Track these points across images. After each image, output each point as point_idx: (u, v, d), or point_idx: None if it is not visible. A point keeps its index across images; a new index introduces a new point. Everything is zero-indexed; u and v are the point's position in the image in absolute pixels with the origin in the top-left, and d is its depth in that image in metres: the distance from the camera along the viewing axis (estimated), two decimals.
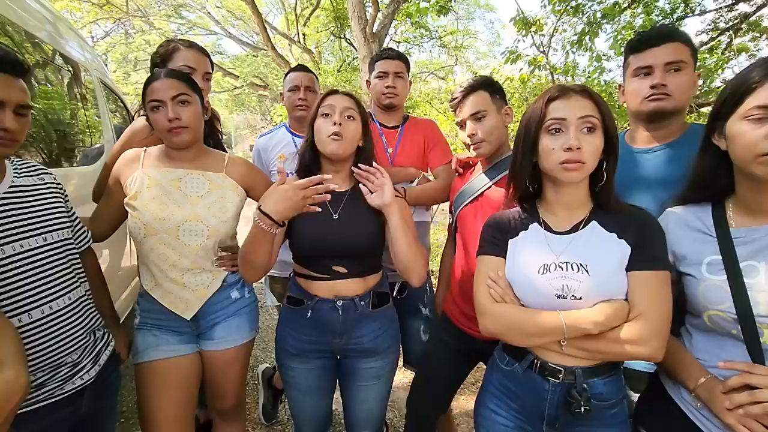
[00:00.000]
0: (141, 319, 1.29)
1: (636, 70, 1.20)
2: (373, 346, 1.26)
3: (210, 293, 1.28)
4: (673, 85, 1.15)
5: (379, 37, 6.59)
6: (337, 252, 1.21)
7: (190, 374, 1.28)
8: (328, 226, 1.21)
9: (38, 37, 1.77)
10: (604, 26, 4.84)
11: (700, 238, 0.89)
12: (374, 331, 1.26)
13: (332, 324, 1.22)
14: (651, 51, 1.17)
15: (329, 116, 1.20)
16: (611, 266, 0.89)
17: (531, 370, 0.96)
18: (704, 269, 0.86)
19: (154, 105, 1.18)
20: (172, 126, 1.18)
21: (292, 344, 1.27)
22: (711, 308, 0.83)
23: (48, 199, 1.02)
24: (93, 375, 1.04)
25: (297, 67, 1.97)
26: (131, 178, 1.23)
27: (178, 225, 1.20)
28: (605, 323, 0.86)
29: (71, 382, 0.99)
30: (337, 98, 1.22)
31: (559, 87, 0.93)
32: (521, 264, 0.98)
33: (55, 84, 1.96)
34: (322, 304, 1.22)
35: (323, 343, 1.26)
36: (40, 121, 1.63)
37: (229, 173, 1.32)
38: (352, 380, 1.31)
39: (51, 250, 0.97)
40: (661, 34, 1.17)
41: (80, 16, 11.23)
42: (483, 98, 1.34)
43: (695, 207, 0.93)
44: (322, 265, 1.22)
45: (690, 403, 0.87)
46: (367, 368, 1.28)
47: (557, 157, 0.89)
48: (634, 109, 1.24)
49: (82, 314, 1.03)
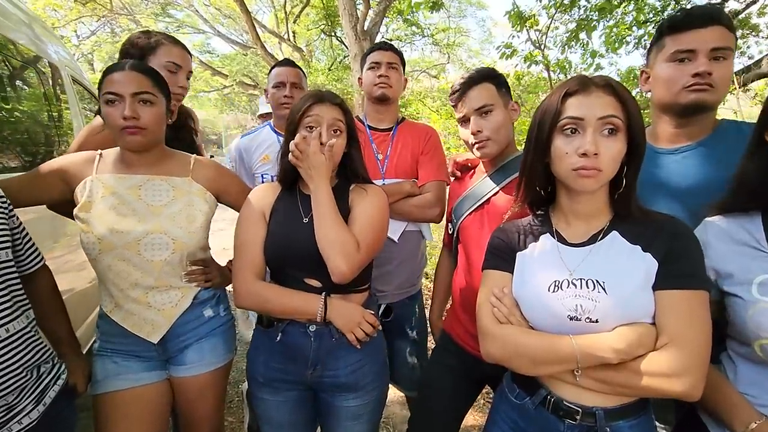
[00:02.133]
0: (101, 343, 1.14)
1: (675, 53, 1.02)
2: (350, 382, 1.09)
3: (179, 312, 1.14)
4: (717, 76, 0.98)
5: (370, 34, 6.48)
6: (305, 261, 1.05)
7: (158, 405, 1.14)
8: (296, 231, 1.07)
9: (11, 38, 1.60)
10: (596, 23, 4.78)
11: (750, 253, 0.77)
12: (353, 363, 1.09)
13: (304, 352, 1.07)
14: (695, 32, 0.99)
15: (314, 130, 1.06)
16: (633, 284, 0.76)
17: (544, 407, 0.84)
18: (755, 290, 0.74)
19: (109, 98, 1.03)
20: (127, 125, 1.03)
21: (262, 372, 1.11)
22: (764, 336, 0.72)
23: None
24: (35, 417, 0.89)
25: (282, 62, 1.83)
26: (82, 183, 1.08)
27: (138, 239, 1.06)
28: (626, 351, 0.73)
29: (7, 428, 0.84)
30: (324, 109, 1.07)
31: (579, 79, 0.80)
32: (530, 280, 0.86)
33: (27, 84, 1.80)
34: (294, 328, 1.07)
35: (294, 374, 1.09)
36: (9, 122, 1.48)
37: (196, 178, 1.18)
38: (330, 418, 1.15)
39: None
40: (708, 15, 0.99)
41: (63, 14, 10.94)
42: (489, 91, 1.19)
43: (740, 217, 0.81)
44: (292, 278, 1.07)
45: None
46: (345, 406, 1.11)
47: (571, 163, 0.77)
48: (668, 99, 1.05)
49: (22, 349, 0.88)
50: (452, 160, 1.47)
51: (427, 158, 1.56)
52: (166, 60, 1.37)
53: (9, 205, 0.95)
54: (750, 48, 5.41)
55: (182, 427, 1.27)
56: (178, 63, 1.40)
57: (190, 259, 1.15)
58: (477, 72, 1.22)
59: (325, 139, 1.04)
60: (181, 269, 1.13)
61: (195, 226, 1.13)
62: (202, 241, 1.18)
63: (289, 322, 1.07)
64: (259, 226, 1.09)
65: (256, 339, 1.16)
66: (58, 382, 0.97)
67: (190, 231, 1.12)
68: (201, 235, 1.15)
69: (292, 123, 1.09)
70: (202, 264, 1.19)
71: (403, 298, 1.59)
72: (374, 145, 1.58)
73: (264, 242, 1.08)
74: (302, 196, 1.13)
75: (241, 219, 1.11)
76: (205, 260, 1.21)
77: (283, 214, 1.11)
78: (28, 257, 1.01)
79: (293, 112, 1.09)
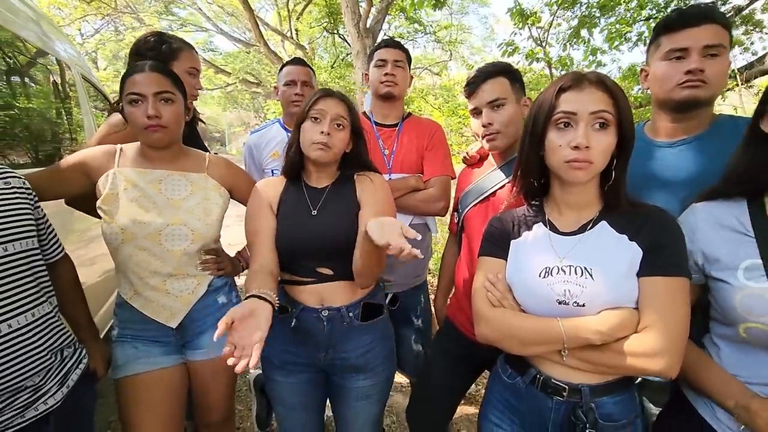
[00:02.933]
0: (120, 330, 1.21)
1: (669, 52, 1.06)
2: (361, 363, 1.16)
3: (195, 298, 1.21)
4: (710, 72, 1.02)
5: (373, 32, 6.50)
6: (316, 251, 1.12)
7: (176, 387, 1.21)
8: (305, 223, 1.13)
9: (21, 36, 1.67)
10: (598, 20, 4.79)
11: (736, 238, 0.81)
12: (363, 346, 1.16)
13: (317, 336, 1.14)
14: (688, 31, 1.03)
15: (318, 122, 1.12)
16: (619, 271, 0.81)
17: (533, 385, 0.89)
18: (741, 275, 0.78)
19: (133, 98, 1.10)
20: (151, 123, 1.10)
21: (276, 355, 1.18)
22: (751, 320, 0.75)
23: (12, 204, 0.93)
24: (59, 399, 0.95)
25: (293, 61, 1.88)
26: (105, 176, 1.14)
27: (160, 229, 1.13)
28: (609, 333, 0.79)
29: (33, 408, 0.90)
30: (329, 103, 1.13)
31: (573, 75, 0.84)
32: (522, 267, 0.91)
33: (37, 81, 1.86)
34: (307, 314, 1.13)
35: (307, 357, 1.17)
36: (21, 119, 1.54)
37: (211, 174, 1.25)
38: (340, 399, 1.22)
39: (12, 261, 0.88)
40: (701, 13, 1.03)
41: (68, 12, 11.01)
42: (502, 85, 1.23)
43: (728, 202, 0.84)
44: (305, 268, 1.14)
45: (725, 424, 0.80)
46: (356, 387, 1.18)
47: (563, 155, 0.82)
48: (663, 96, 1.10)
49: (47, 333, 0.94)
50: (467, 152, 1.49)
51: (431, 154, 1.61)
52: (188, 66, 1.49)
53: (34, 197, 1.02)
54: (754, 44, 5.38)
55: (197, 411, 1.33)
56: (198, 68, 1.53)
57: (204, 249, 1.21)
58: (492, 65, 1.26)
59: (326, 129, 1.10)
60: (198, 259, 1.20)
61: (212, 219, 1.19)
62: (217, 233, 1.24)
63: (303, 309, 1.13)
64: (266, 218, 1.15)
65: (271, 326, 1.21)
66: (79, 365, 1.04)
67: (208, 223, 1.18)
68: (216, 227, 1.22)
69: (300, 115, 1.15)
70: (214, 253, 1.25)
71: (409, 288, 1.64)
72: (380, 141, 1.63)
73: (275, 234, 1.14)
74: (308, 188, 1.19)
75: (249, 212, 1.17)
76: (217, 250, 1.27)
77: (291, 206, 1.16)
78: (51, 246, 1.07)
79: (302, 105, 1.16)
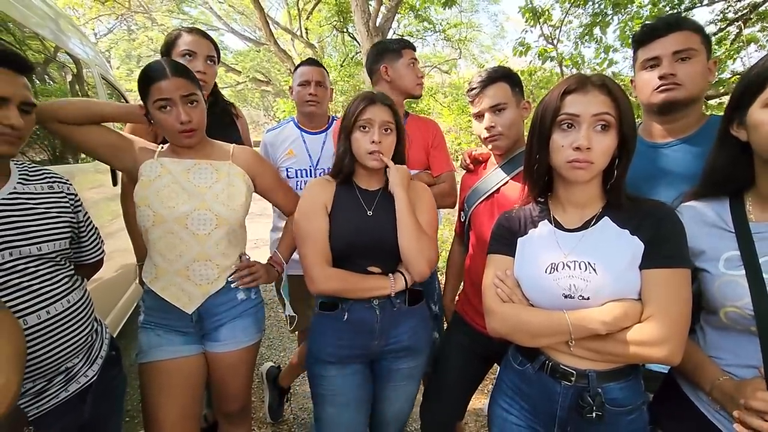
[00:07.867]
0: (145, 317, 1.28)
1: (644, 62, 1.18)
2: (411, 344, 1.26)
3: (214, 290, 1.26)
4: (683, 74, 1.11)
5: (382, 30, 6.52)
6: (371, 251, 1.20)
7: (195, 375, 1.27)
8: (363, 224, 1.20)
9: (41, 35, 1.75)
10: (611, 18, 4.75)
11: (718, 233, 0.85)
12: (411, 328, 1.25)
13: (370, 324, 1.21)
14: (658, 41, 1.14)
15: (367, 131, 1.17)
16: (621, 264, 0.85)
17: (542, 371, 0.94)
18: (722, 265, 0.82)
19: (162, 104, 1.16)
20: (185, 128, 1.18)
21: (331, 352, 1.22)
22: (728, 304, 0.81)
23: (52, 208, 1.01)
24: (91, 376, 1.04)
25: (307, 61, 1.92)
26: (146, 163, 1.23)
27: (186, 214, 1.20)
28: (613, 323, 0.83)
29: (64, 390, 0.99)
30: (375, 111, 1.17)
31: (577, 78, 0.88)
32: (529, 263, 0.95)
33: (57, 81, 1.94)
34: (359, 305, 1.20)
35: (361, 347, 1.23)
36: None
37: (236, 161, 1.32)
38: (384, 382, 1.29)
39: (44, 259, 0.96)
40: (668, 24, 1.14)
41: (82, 12, 11.21)
42: (503, 90, 1.29)
43: (712, 201, 0.89)
44: (357, 266, 1.20)
45: (708, 403, 0.85)
46: (401, 368, 1.28)
47: (565, 155, 0.86)
48: (645, 101, 1.21)
49: (81, 317, 1.02)
50: (466, 154, 1.56)
51: (437, 151, 1.68)
52: (181, 49, 1.52)
53: (77, 201, 1.09)
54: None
55: (215, 400, 1.40)
56: (192, 50, 1.52)
57: (231, 235, 1.27)
58: (494, 71, 1.32)
59: (377, 138, 1.16)
60: (223, 246, 1.26)
61: (236, 204, 1.26)
62: (241, 219, 1.31)
63: (354, 301, 1.20)
64: (323, 218, 1.20)
65: (320, 324, 1.26)
66: (104, 347, 1.12)
67: (232, 208, 1.25)
68: (241, 213, 1.28)
69: (347, 125, 1.20)
70: (246, 266, 1.32)
71: None
72: None
73: (331, 233, 1.19)
74: (361, 191, 1.25)
75: (304, 211, 1.22)
76: (249, 264, 1.33)
77: (347, 208, 1.22)
78: (89, 249, 1.16)
79: (347, 114, 1.20)
